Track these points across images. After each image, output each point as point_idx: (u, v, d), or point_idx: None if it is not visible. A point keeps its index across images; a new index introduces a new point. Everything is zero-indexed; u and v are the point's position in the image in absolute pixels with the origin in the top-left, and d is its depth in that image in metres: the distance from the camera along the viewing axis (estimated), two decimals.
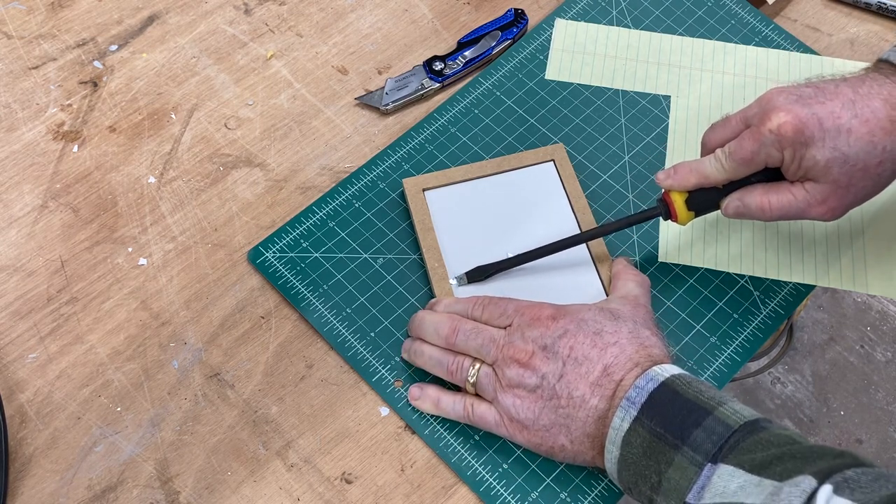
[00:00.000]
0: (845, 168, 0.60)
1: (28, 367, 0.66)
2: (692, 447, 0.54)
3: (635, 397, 0.57)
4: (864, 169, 0.60)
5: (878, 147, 0.59)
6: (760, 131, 0.61)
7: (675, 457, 0.54)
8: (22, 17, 0.83)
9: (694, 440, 0.54)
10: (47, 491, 0.62)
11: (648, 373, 0.58)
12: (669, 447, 0.54)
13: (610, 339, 0.60)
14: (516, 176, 0.75)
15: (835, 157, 0.59)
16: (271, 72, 0.81)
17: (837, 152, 0.59)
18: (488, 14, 0.85)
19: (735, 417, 0.54)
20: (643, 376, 0.58)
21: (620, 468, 0.57)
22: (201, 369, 0.67)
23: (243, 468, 0.64)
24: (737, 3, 0.86)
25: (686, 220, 0.66)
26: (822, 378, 1.60)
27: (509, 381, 0.61)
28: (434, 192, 0.73)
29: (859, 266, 0.72)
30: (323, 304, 0.69)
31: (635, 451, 0.56)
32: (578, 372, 0.59)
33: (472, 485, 0.63)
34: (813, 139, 0.59)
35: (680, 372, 0.58)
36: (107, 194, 0.74)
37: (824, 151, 0.59)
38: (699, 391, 0.56)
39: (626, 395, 0.57)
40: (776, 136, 0.60)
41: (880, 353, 1.63)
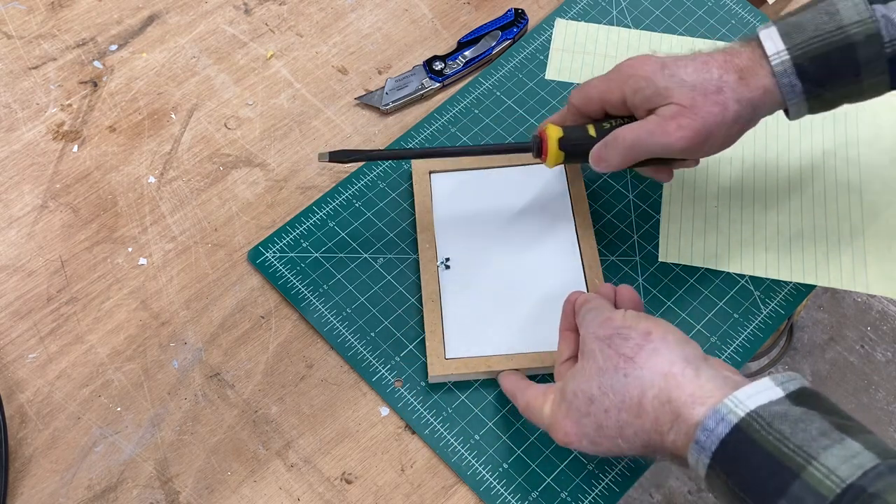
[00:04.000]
0: (685, 90, 0.61)
1: (28, 367, 0.66)
2: None
3: (705, 441, 0.49)
4: (704, 93, 0.61)
5: (713, 75, 0.61)
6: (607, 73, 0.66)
7: None
8: (22, 17, 0.83)
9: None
10: (47, 491, 0.62)
11: (718, 409, 0.49)
12: None
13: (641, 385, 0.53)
14: (524, 172, 0.75)
15: (674, 83, 0.61)
16: (271, 72, 0.81)
17: (676, 78, 0.61)
18: (488, 14, 0.85)
19: (829, 482, 0.44)
20: (713, 415, 0.49)
21: None
22: (201, 369, 0.67)
23: (243, 468, 0.64)
24: (737, 2, 0.86)
25: (554, 160, 0.66)
26: (822, 378, 1.60)
27: None
28: (440, 176, 0.74)
29: (859, 266, 0.72)
30: (323, 304, 0.69)
31: (719, 495, 0.50)
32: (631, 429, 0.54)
33: (473, 485, 0.63)
34: (654, 72, 0.62)
35: (758, 405, 0.49)
36: (107, 194, 0.74)
37: (664, 79, 0.62)
38: (782, 437, 0.47)
39: (696, 438, 0.49)
40: (618, 71, 0.64)
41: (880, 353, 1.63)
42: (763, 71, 0.61)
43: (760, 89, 0.61)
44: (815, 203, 0.75)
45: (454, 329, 0.68)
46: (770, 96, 0.61)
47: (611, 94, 0.64)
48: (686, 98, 0.61)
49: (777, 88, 0.61)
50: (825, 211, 0.75)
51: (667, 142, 0.61)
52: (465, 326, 0.68)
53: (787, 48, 0.60)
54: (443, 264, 0.70)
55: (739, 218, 0.74)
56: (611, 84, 0.65)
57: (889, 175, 0.77)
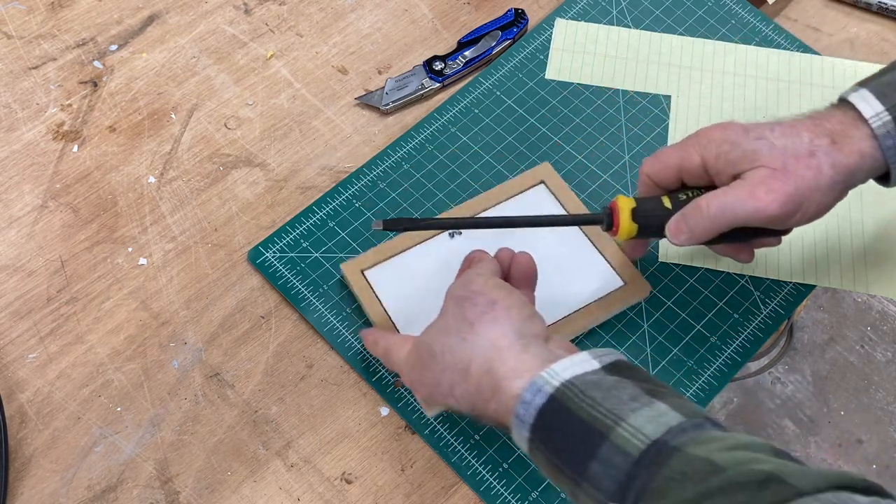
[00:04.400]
0: (775, 153, 0.58)
1: (28, 367, 0.66)
2: (592, 483, 0.47)
3: (524, 414, 0.50)
4: (796, 156, 0.58)
5: (804, 138, 0.58)
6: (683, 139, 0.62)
7: (579, 493, 0.48)
8: (22, 17, 0.83)
9: (592, 476, 0.47)
10: (47, 491, 0.62)
11: (535, 381, 0.50)
12: (570, 480, 0.48)
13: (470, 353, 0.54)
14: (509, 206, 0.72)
15: (762, 144, 0.58)
16: (271, 72, 0.81)
17: (764, 140, 0.59)
18: (488, 14, 0.85)
19: (636, 440, 0.46)
20: (530, 387, 0.50)
21: None
22: (201, 369, 0.67)
23: (243, 468, 0.64)
24: (737, 2, 0.86)
25: (627, 233, 0.63)
26: (822, 378, 1.60)
27: None
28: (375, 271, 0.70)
29: (859, 266, 0.72)
30: (323, 304, 0.69)
31: (544, 471, 0.51)
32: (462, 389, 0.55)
33: (473, 484, 0.63)
34: (737, 135, 0.59)
35: (573, 374, 0.50)
36: (107, 194, 0.74)
37: (749, 141, 0.59)
38: (594, 402, 0.48)
39: (515, 411, 0.51)
40: (696, 137, 0.61)
41: (880, 353, 1.63)
42: (859, 134, 0.58)
43: (856, 153, 0.58)
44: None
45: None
46: (868, 161, 0.58)
47: (690, 161, 0.61)
48: (777, 161, 0.58)
49: (878, 151, 0.58)
50: None
51: (757, 207, 0.57)
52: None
53: (886, 108, 0.57)
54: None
55: None
56: (689, 150, 0.61)
57: None
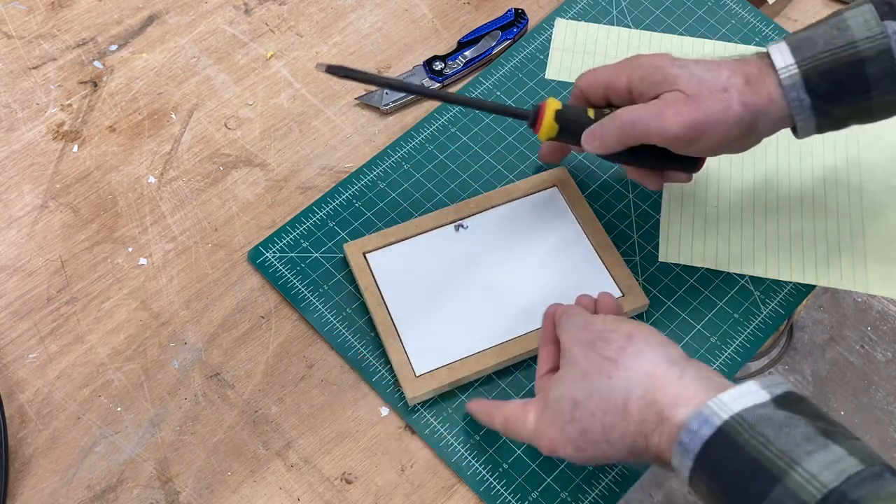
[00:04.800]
0: (692, 81, 0.61)
1: (28, 367, 0.66)
2: None
3: (689, 443, 0.49)
4: (711, 88, 0.60)
5: (722, 74, 0.61)
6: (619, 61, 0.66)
7: None
8: (22, 17, 0.83)
9: None
10: (47, 491, 0.62)
11: (702, 411, 0.49)
12: None
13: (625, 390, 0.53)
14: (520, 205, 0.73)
15: (682, 72, 0.61)
16: (271, 72, 0.81)
17: (685, 69, 0.62)
18: (488, 14, 0.85)
19: (811, 487, 0.44)
20: (696, 416, 0.49)
21: None
22: (201, 369, 0.67)
23: (243, 468, 0.64)
24: (737, 2, 0.86)
25: (547, 132, 0.66)
26: (822, 378, 1.60)
27: None
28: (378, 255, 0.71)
29: (859, 266, 0.72)
30: (323, 304, 0.69)
31: (704, 497, 0.50)
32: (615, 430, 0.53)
33: (473, 485, 0.63)
34: (664, 62, 0.63)
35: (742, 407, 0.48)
36: (107, 194, 0.74)
37: (674, 69, 0.62)
38: (766, 441, 0.46)
39: (679, 439, 0.49)
40: (628, 60, 0.65)
41: (880, 353, 1.63)
42: (770, 80, 0.60)
43: (766, 97, 0.60)
44: (815, 203, 0.75)
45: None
46: (775, 106, 0.61)
47: (617, 81, 0.64)
48: (692, 87, 0.61)
49: (784, 101, 0.60)
50: (825, 211, 0.75)
51: (662, 125, 0.61)
52: (431, 337, 0.67)
53: (796, 62, 0.60)
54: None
55: (739, 218, 0.74)
56: (618, 71, 0.64)
57: (889, 175, 0.77)
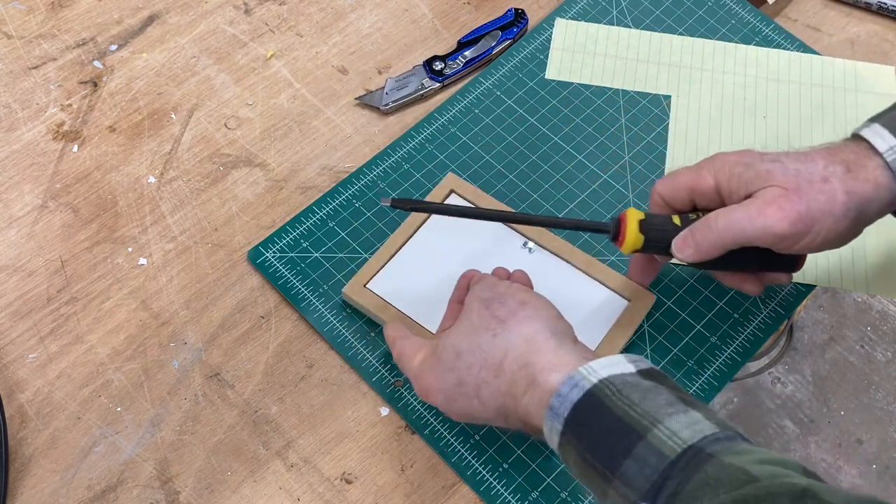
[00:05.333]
0: (788, 174, 0.57)
1: (28, 367, 0.66)
2: (623, 481, 0.47)
3: (559, 407, 0.50)
4: (810, 180, 0.57)
5: (818, 164, 0.58)
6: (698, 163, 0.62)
7: (609, 491, 0.48)
8: (22, 17, 0.83)
9: (625, 473, 0.47)
10: (47, 491, 0.62)
11: (573, 376, 0.51)
12: (601, 477, 0.48)
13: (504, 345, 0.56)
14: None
15: (774, 166, 0.58)
16: (271, 72, 0.81)
17: (778, 163, 0.58)
18: (488, 14, 0.85)
19: (672, 443, 0.46)
20: (567, 381, 0.51)
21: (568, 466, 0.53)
22: (201, 369, 0.67)
23: (243, 468, 0.64)
24: (737, 2, 0.86)
25: (632, 244, 0.61)
26: (822, 378, 1.60)
27: None
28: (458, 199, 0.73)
29: (859, 266, 0.72)
30: (323, 304, 0.69)
31: (571, 466, 0.51)
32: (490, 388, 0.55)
33: (473, 484, 0.63)
34: (751, 158, 0.59)
35: (611, 374, 0.51)
36: (107, 194, 0.74)
37: (764, 164, 0.58)
38: (631, 403, 0.49)
39: (549, 404, 0.51)
40: (711, 160, 0.60)
41: (880, 353, 1.63)
42: (873, 164, 0.57)
43: (871, 182, 0.57)
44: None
45: (396, 271, 0.69)
46: (883, 192, 0.57)
47: (702, 182, 0.60)
48: (790, 181, 0.57)
49: (893, 183, 0.57)
50: None
51: (766, 224, 0.56)
52: (406, 275, 0.68)
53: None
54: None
55: None
56: (702, 171, 0.60)
57: None
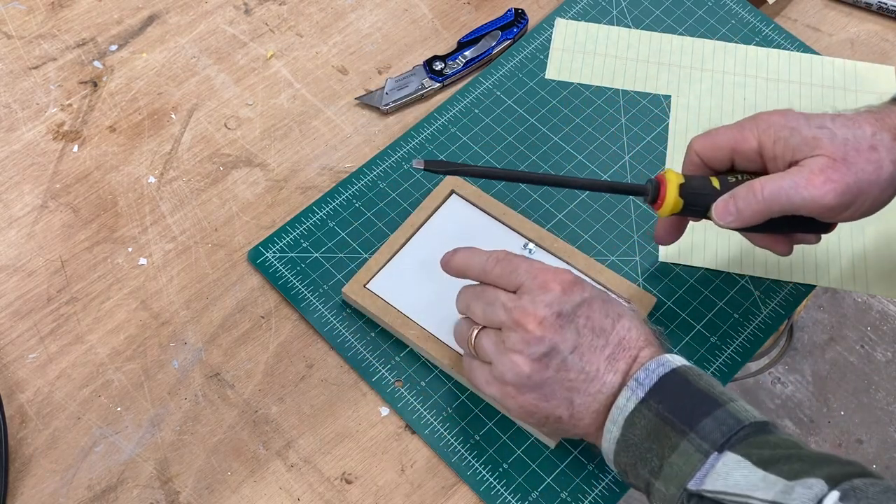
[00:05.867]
0: (836, 143, 0.57)
1: (28, 367, 0.66)
2: (700, 435, 0.52)
3: (644, 379, 0.55)
4: (857, 148, 0.57)
5: (866, 131, 0.57)
6: (739, 121, 0.61)
7: (681, 442, 0.52)
8: (22, 17, 0.83)
9: (703, 428, 0.52)
10: (47, 491, 0.62)
11: (660, 357, 0.56)
12: (676, 432, 0.53)
13: (619, 310, 0.58)
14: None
15: (823, 133, 0.57)
16: (271, 72, 0.81)
17: (825, 129, 0.57)
18: (488, 14, 0.85)
19: (745, 414, 0.53)
20: (654, 360, 0.56)
21: (619, 449, 0.55)
22: (201, 369, 0.67)
23: (243, 468, 0.64)
24: (737, 2, 0.86)
25: (671, 208, 0.61)
26: (822, 378, 1.60)
27: (513, 345, 0.56)
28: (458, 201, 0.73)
29: (859, 266, 0.72)
30: (323, 304, 0.69)
31: (638, 432, 0.54)
32: (595, 344, 0.56)
33: (473, 484, 0.63)
34: (797, 121, 0.58)
35: (691, 365, 0.57)
36: (107, 194, 0.74)
37: (811, 129, 0.58)
38: (711, 384, 0.55)
39: (635, 376, 0.55)
40: (754, 120, 0.60)
41: (880, 353, 1.63)
42: None
43: None
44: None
45: (396, 271, 0.69)
46: None
47: (745, 143, 0.59)
48: (838, 151, 0.56)
49: None
50: None
51: (814, 195, 0.56)
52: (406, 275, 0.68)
53: None
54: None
55: None
56: (745, 132, 0.60)
57: None
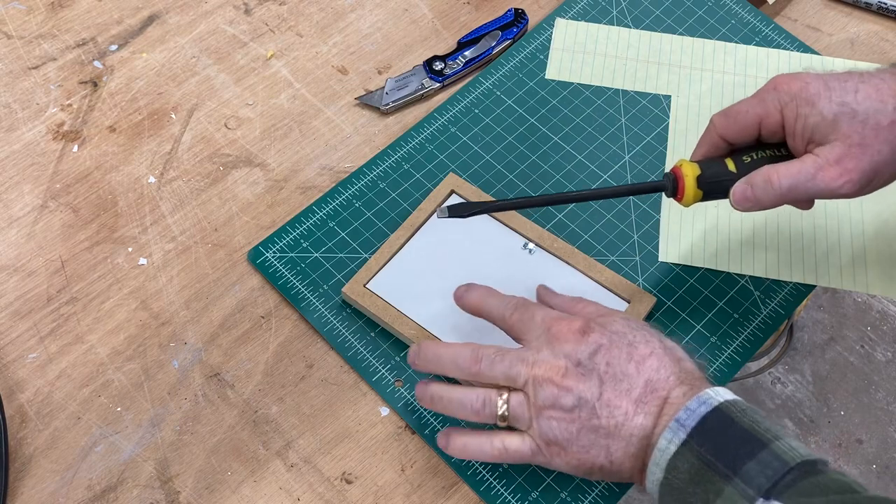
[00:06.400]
0: (855, 123, 0.56)
1: (28, 367, 0.66)
2: (744, 479, 0.50)
3: (685, 419, 0.53)
4: (876, 128, 0.56)
5: (888, 106, 0.56)
6: (758, 93, 0.60)
7: (726, 488, 0.51)
8: (22, 17, 0.83)
9: (747, 472, 0.50)
10: (47, 491, 0.62)
11: (701, 395, 0.54)
12: (720, 477, 0.51)
13: (645, 351, 0.57)
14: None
15: (842, 112, 0.56)
16: (271, 72, 0.81)
17: (845, 107, 0.56)
18: (488, 14, 0.85)
19: (792, 454, 0.51)
20: (695, 398, 0.54)
21: (663, 492, 0.54)
22: (201, 369, 0.67)
23: (243, 468, 0.64)
24: (737, 2, 0.86)
25: (692, 199, 0.62)
26: (822, 378, 1.60)
27: (544, 402, 0.56)
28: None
29: (859, 266, 0.72)
30: (323, 304, 0.69)
31: (682, 476, 0.53)
32: (619, 389, 0.56)
33: (473, 484, 0.63)
34: (818, 95, 0.57)
35: (734, 398, 0.55)
36: (107, 194, 0.74)
37: (831, 106, 0.57)
38: (755, 421, 0.53)
39: (676, 417, 0.54)
40: (775, 91, 0.59)
41: (880, 353, 1.63)
42: None
43: None
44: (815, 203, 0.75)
45: (396, 271, 0.69)
46: None
47: (770, 117, 0.59)
48: (856, 132, 0.56)
49: None
50: (825, 211, 0.75)
51: (830, 186, 0.57)
52: (406, 275, 0.68)
53: None
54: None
55: (739, 218, 0.74)
56: (767, 106, 0.59)
57: None
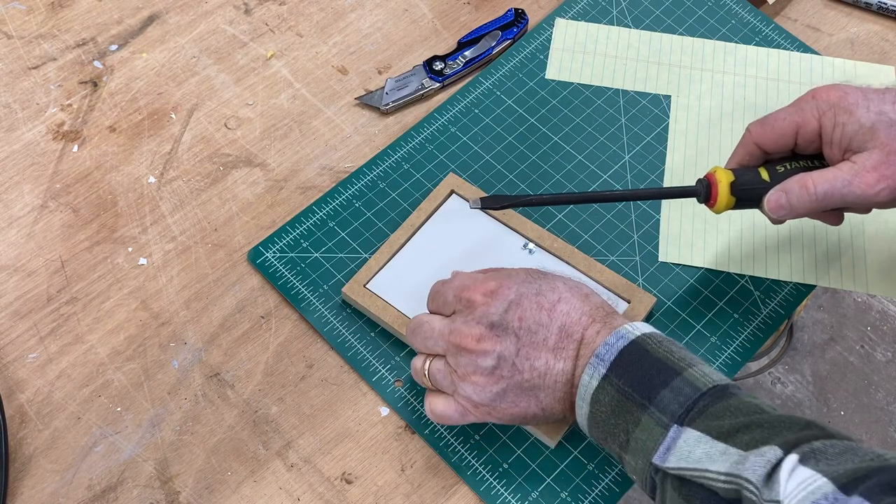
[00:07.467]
0: (893, 132, 0.57)
1: (28, 367, 0.66)
2: (659, 408, 0.53)
3: (605, 354, 0.56)
4: None
5: None
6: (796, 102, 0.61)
7: (642, 416, 0.54)
8: (22, 17, 0.83)
9: (661, 400, 0.53)
10: (47, 491, 0.62)
11: (619, 330, 0.57)
12: (636, 406, 0.54)
13: (553, 298, 0.58)
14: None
15: (880, 120, 0.57)
16: (271, 72, 0.81)
17: (883, 116, 0.57)
18: (488, 14, 0.85)
19: (704, 380, 0.54)
20: (614, 333, 0.56)
21: (590, 425, 0.57)
22: (201, 369, 0.67)
23: (243, 468, 0.64)
24: (737, 2, 0.86)
25: (724, 206, 0.62)
26: (822, 378, 1.60)
27: (465, 369, 0.58)
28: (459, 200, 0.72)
29: (859, 266, 0.72)
30: (323, 304, 0.69)
31: (604, 409, 0.55)
32: (535, 341, 0.57)
33: (473, 484, 0.63)
34: (857, 105, 0.58)
35: (651, 331, 0.57)
36: (107, 194, 0.74)
37: (869, 114, 0.58)
38: (670, 351, 0.56)
39: (596, 352, 0.56)
40: (813, 100, 0.60)
41: (880, 353, 1.63)
42: None
43: None
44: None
45: (396, 271, 0.69)
46: None
47: (806, 126, 0.60)
48: (893, 141, 0.57)
49: None
50: None
51: (866, 194, 0.58)
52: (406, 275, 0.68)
53: None
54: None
55: (739, 218, 0.74)
56: (804, 114, 0.60)
57: None
